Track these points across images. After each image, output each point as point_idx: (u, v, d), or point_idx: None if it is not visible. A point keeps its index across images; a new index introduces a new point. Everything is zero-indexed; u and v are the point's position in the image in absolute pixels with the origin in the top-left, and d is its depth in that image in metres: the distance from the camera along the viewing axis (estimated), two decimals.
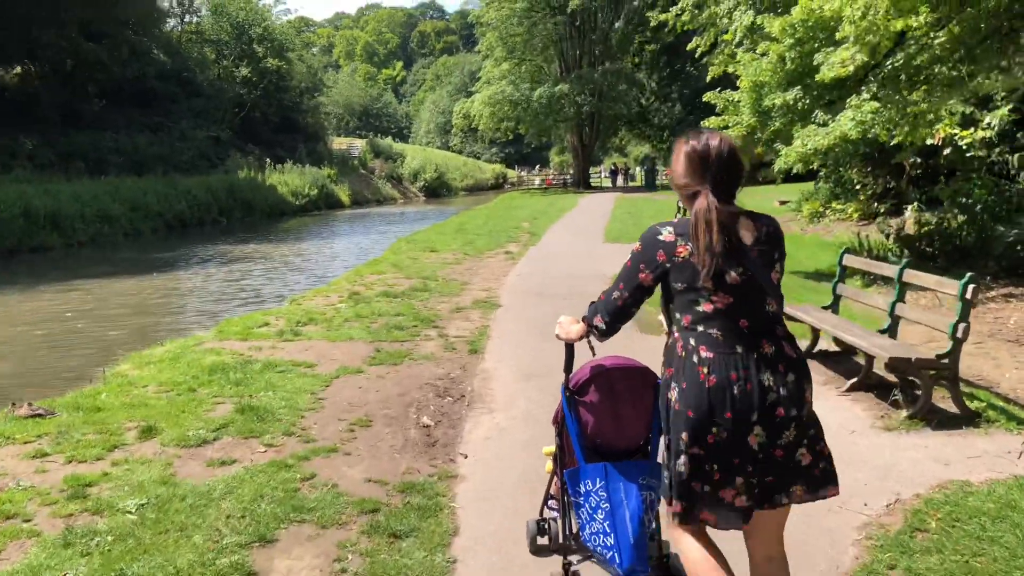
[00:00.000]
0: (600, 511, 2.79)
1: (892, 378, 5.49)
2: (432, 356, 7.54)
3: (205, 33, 55.10)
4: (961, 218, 11.37)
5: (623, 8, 48.94)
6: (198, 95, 50.98)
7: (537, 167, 78.25)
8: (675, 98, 50.05)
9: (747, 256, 2.47)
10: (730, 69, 12.78)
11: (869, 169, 17.81)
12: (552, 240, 18.28)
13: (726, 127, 11.63)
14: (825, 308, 6.71)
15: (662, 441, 2.69)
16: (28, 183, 30.10)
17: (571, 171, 55.67)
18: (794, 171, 19.33)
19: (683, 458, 2.49)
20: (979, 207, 11.01)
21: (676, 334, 2.58)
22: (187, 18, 56.31)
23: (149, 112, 47.47)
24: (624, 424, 2.98)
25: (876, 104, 9.07)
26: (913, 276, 5.74)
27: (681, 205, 3.77)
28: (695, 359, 2.47)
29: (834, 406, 5.45)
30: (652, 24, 22.36)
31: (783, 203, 23.81)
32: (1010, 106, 13.21)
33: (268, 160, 46.86)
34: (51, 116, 41.29)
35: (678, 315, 2.57)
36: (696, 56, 44.05)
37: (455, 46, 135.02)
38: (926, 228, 11.01)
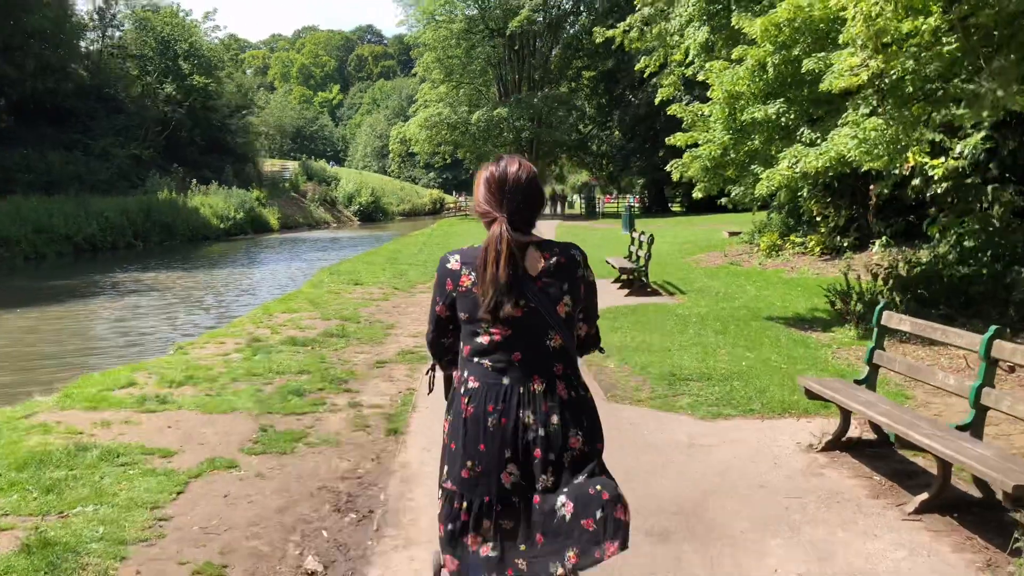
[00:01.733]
0: None
1: (977, 492, 3.91)
2: (336, 439, 5.73)
3: (128, 48, 52.25)
4: (954, 257, 10.07)
5: (562, 33, 48.11)
6: (119, 112, 48.32)
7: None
8: (613, 125, 49.20)
9: (531, 288, 2.34)
10: (672, 109, 11.36)
11: (829, 200, 16.65)
12: None
13: (693, 144, 10.14)
14: (859, 383, 5.10)
15: None
16: None
17: None
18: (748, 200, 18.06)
19: (439, 493, 2.42)
20: (979, 246, 9.72)
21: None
22: (108, 32, 53.41)
23: (65, 129, 44.79)
24: None
25: (878, 120, 7.65)
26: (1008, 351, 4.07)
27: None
28: (462, 390, 2.41)
29: (904, 542, 3.79)
30: (598, 40, 20.97)
31: (733, 234, 22.61)
32: (982, 133, 12.11)
33: (193, 181, 44.26)
34: None
35: (462, 345, 2.46)
36: (644, 77, 43.28)
37: (392, 70, 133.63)
38: (918, 269, 9.64)
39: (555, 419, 2.31)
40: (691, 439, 5.58)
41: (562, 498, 2.30)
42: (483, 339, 2.37)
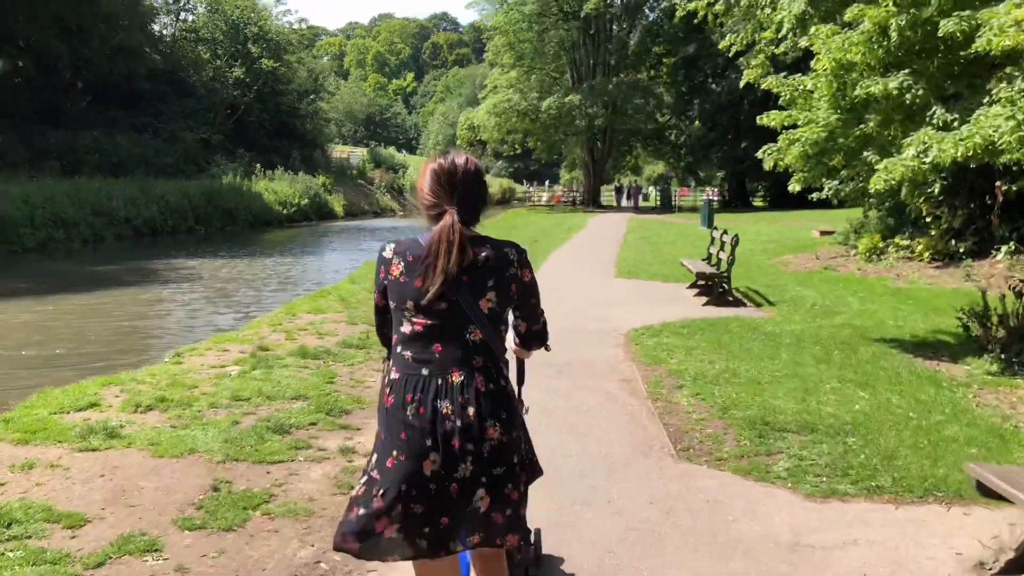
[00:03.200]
0: None
1: None
2: (306, 507, 4.25)
3: (200, 31, 52.22)
4: None
5: (641, 17, 45.92)
6: (189, 95, 48.36)
7: (547, 183, 75.31)
8: (693, 114, 46.87)
9: (458, 281, 2.35)
10: (767, 82, 9.47)
11: (942, 197, 14.49)
12: (552, 272, 14.99)
13: (791, 125, 8.33)
14: None
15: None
16: None
17: (581, 188, 52.49)
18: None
19: (364, 478, 2.42)
20: None
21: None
22: (181, 16, 53.54)
23: (136, 112, 45.01)
24: None
25: None
26: None
27: None
28: (387, 380, 2.45)
29: None
30: (679, 14, 19.12)
31: (825, 233, 20.47)
32: None
33: (258, 166, 43.82)
34: (28, 113, 38.69)
35: (394, 336, 2.48)
36: (727, 62, 40.89)
37: (467, 58, 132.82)
38: None
39: (471, 410, 2.32)
40: (796, 535, 3.91)
41: (481, 491, 2.32)
42: (406, 328, 2.41)
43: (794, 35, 15.23)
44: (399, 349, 2.42)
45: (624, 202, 49.50)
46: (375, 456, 2.41)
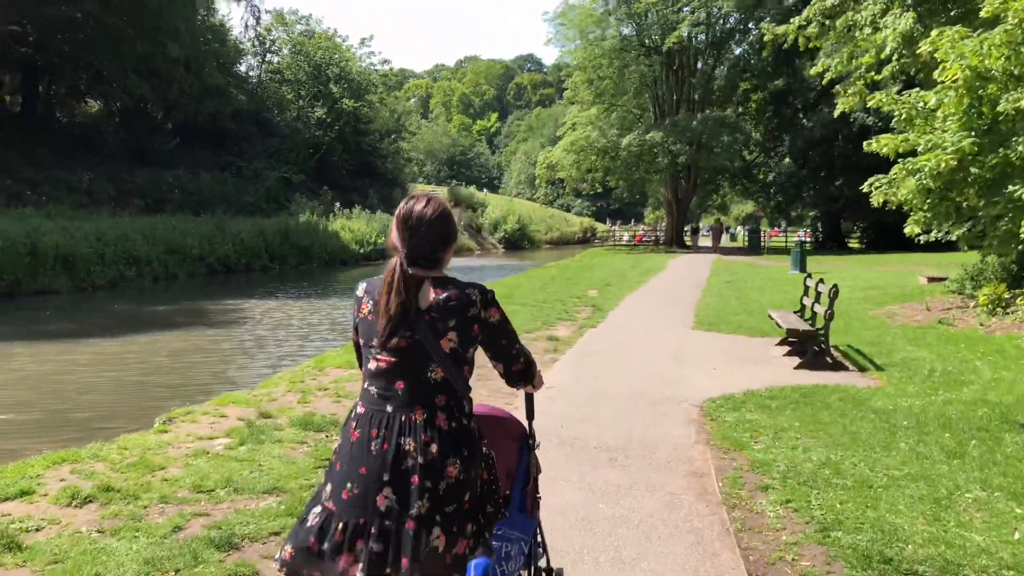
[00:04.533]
0: None
1: None
2: None
3: (284, 72, 53.08)
4: None
5: (726, 53, 44.26)
6: (273, 135, 49.05)
7: (632, 221, 73.78)
8: (783, 150, 44.69)
9: (419, 321, 2.43)
10: (874, 99, 7.82)
11: None
12: (621, 320, 13.50)
13: (907, 153, 6.74)
14: None
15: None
16: (64, 218, 27.38)
17: (663, 228, 50.66)
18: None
19: (318, 508, 2.44)
20: None
21: None
22: (268, 57, 54.56)
23: (221, 151, 45.95)
24: None
25: None
26: None
27: None
28: (352, 415, 2.50)
29: None
30: (767, 38, 17.62)
31: (934, 280, 18.34)
32: None
33: (337, 204, 43.80)
34: (117, 152, 39.70)
35: (363, 372, 2.57)
36: (818, 96, 38.76)
37: (551, 98, 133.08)
38: None
39: (434, 448, 2.36)
40: None
41: (437, 529, 2.33)
42: (372, 365, 2.47)
43: (899, 57, 13.54)
44: (366, 384, 2.49)
45: (700, 242, 46.50)
46: (329, 486, 2.43)
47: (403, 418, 2.37)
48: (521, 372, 2.63)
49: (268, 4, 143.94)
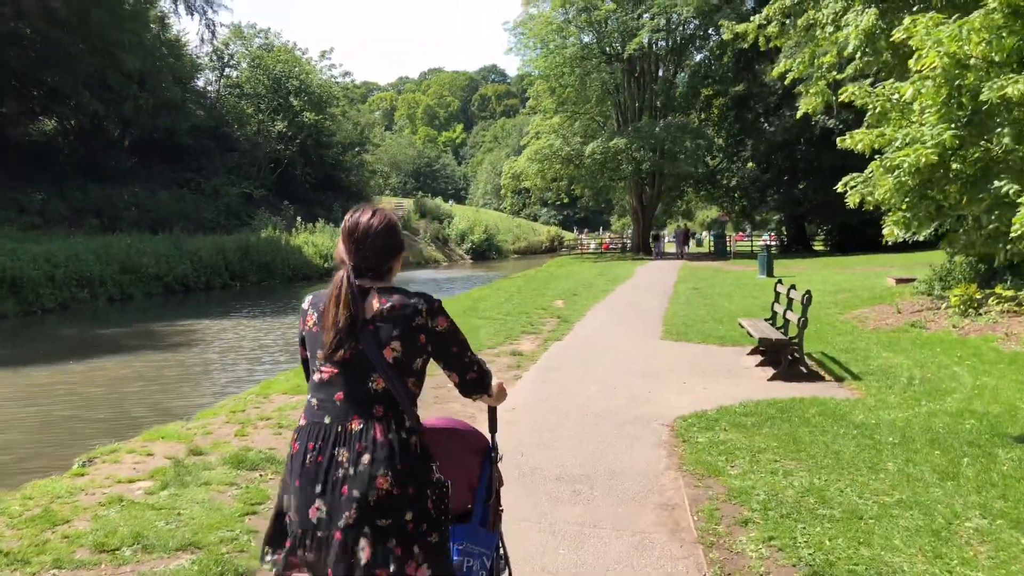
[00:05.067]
0: None
1: None
2: None
3: (243, 87, 52.18)
4: None
5: (687, 59, 44.25)
6: (233, 150, 48.20)
7: (601, 229, 73.66)
8: (746, 155, 44.70)
9: (364, 331, 2.40)
10: (847, 92, 7.38)
11: None
12: (588, 332, 13.00)
13: (874, 151, 6.30)
14: None
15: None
16: (12, 240, 26.32)
17: (630, 235, 50.43)
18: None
19: (276, 515, 2.49)
20: None
21: None
22: (226, 71, 53.61)
23: (180, 167, 45.05)
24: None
25: None
26: None
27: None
28: (296, 427, 2.48)
29: None
30: (726, 36, 17.33)
31: (902, 281, 18.10)
32: None
33: (299, 219, 43.00)
34: (70, 170, 38.60)
35: (308, 384, 2.56)
36: (779, 102, 38.80)
37: (515, 108, 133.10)
38: None
39: (366, 458, 2.32)
40: None
41: (363, 540, 2.29)
42: (315, 376, 2.46)
43: (862, 55, 13.24)
44: (309, 396, 2.49)
45: (666, 248, 44.18)
46: (284, 497, 2.45)
47: (339, 428, 2.35)
48: (476, 381, 2.58)
49: (226, 18, 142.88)
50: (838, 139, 6.80)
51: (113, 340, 16.62)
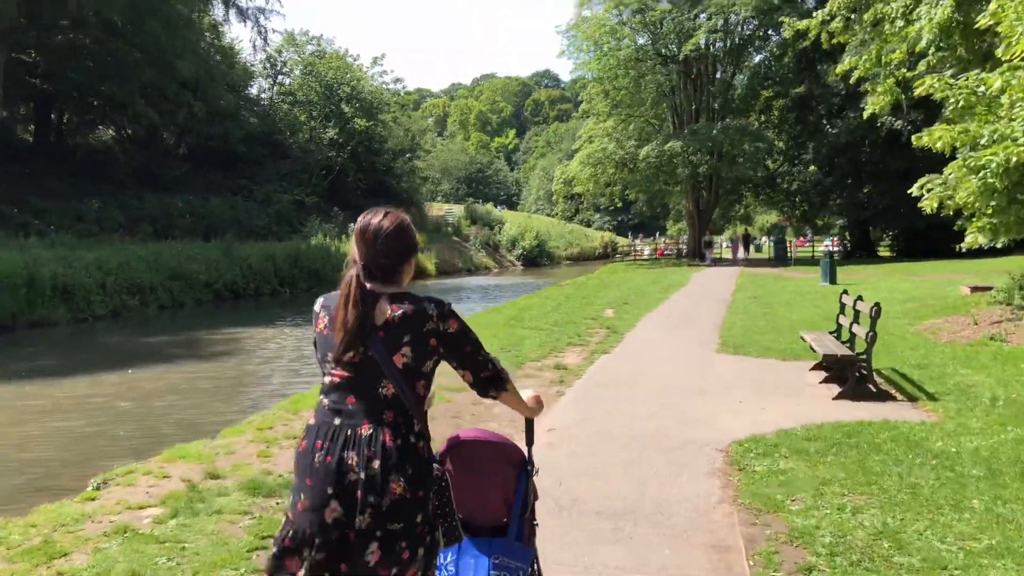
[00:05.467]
0: None
1: None
2: None
3: (296, 94, 52.66)
4: None
5: (745, 60, 43.16)
6: (285, 157, 48.52)
7: (657, 235, 72.58)
8: (807, 158, 43.37)
9: (374, 336, 2.42)
10: (924, 85, 6.70)
11: None
12: (638, 343, 12.41)
13: (954, 150, 5.65)
14: None
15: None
16: (66, 247, 26.78)
17: (686, 240, 49.40)
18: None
19: (284, 518, 2.51)
20: None
21: None
22: (279, 79, 54.18)
23: (234, 175, 45.57)
24: (484, 499, 2.81)
25: None
26: None
27: None
28: (306, 425, 2.50)
29: None
30: (787, 33, 16.58)
31: (978, 290, 17.06)
32: None
33: (350, 226, 43.04)
34: (127, 179, 39.35)
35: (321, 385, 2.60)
36: (843, 102, 37.52)
37: (568, 113, 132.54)
38: None
39: (376, 464, 2.33)
40: None
41: (373, 544, 2.32)
42: (327, 379, 2.49)
43: (936, 49, 12.42)
44: (321, 397, 2.50)
45: (710, 256, 40.73)
46: (291, 496, 2.47)
47: (349, 432, 2.37)
48: (491, 378, 2.57)
49: (279, 25, 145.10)
50: (913, 137, 6.18)
51: (155, 350, 16.55)
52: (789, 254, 40.84)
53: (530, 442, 2.91)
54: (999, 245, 14.29)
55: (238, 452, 6.49)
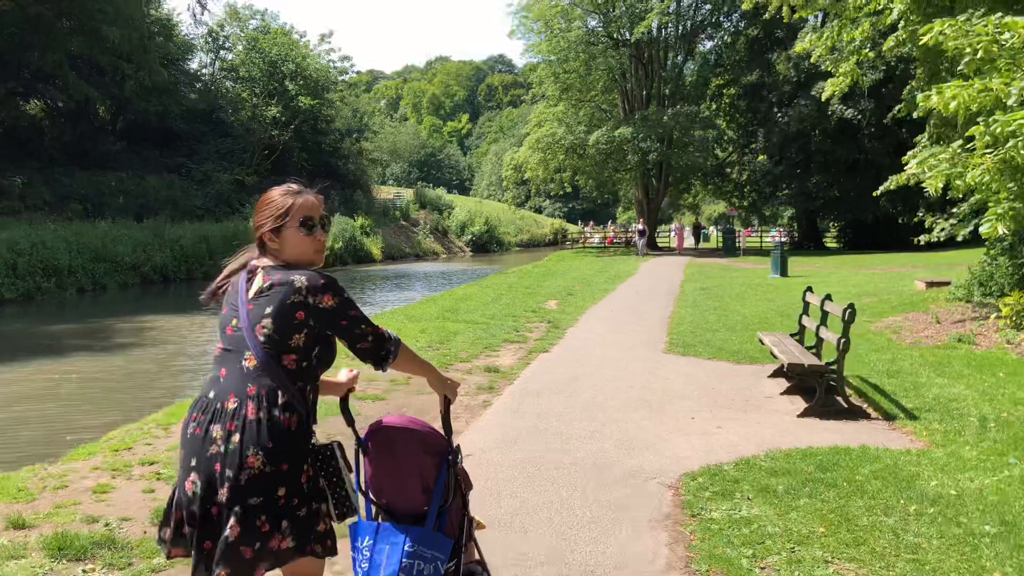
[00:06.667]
0: (360, 571, 2.66)
1: None
2: None
3: (238, 70, 50.45)
4: None
5: (697, 46, 42.40)
6: (226, 135, 46.38)
7: (610, 222, 71.83)
8: (757, 147, 42.83)
9: (243, 309, 2.44)
10: (931, 32, 5.64)
11: None
12: (580, 341, 11.30)
13: (970, 115, 4.58)
14: None
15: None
16: None
17: (635, 228, 48.61)
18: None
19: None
20: None
21: None
22: (221, 54, 51.86)
23: (171, 153, 43.37)
24: (402, 486, 2.73)
25: None
26: None
27: None
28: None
29: None
30: (745, 5, 15.57)
31: (933, 285, 16.35)
32: None
33: None
34: (56, 154, 37.06)
35: None
36: (794, 91, 36.86)
37: (522, 99, 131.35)
38: None
39: (236, 437, 2.30)
40: None
41: (232, 519, 2.27)
42: (214, 350, 2.53)
43: (906, 23, 11.48)
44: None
45: (642, 248, 37.81)
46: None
47: (218, 405, 2.36)
48: (368, 350, 2.51)
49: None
50: (919, 98, 5.05)
51: (54, 340, 14.95)
52: (738, 244, 40.11)
53: (447, 429, 2.79)
54: (938, 239, 13.52)
55: (71, 486, 5.17)
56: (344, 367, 2.90)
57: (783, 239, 40.62)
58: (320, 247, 2.58)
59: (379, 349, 2.51)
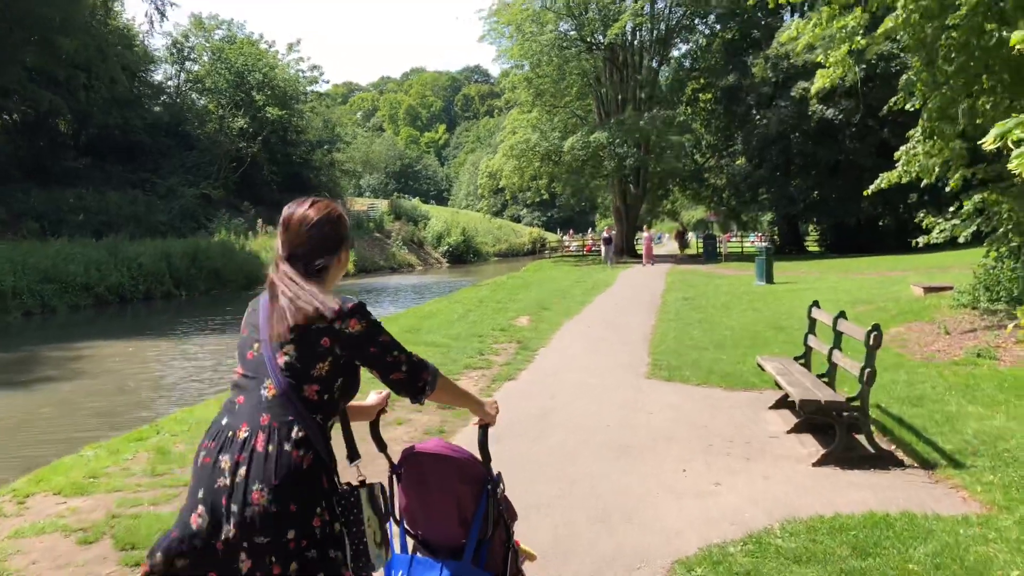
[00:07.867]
0: None
1: None
2: None
3: (204, 81, 48.97)
4: None
5: (672, 50, 41.50)
6: (192, 148, 44.93)
7: (590, 230, 70.85)
8: (736, 150, 41.87)
9: (266, 333, 2.28)
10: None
11: None
12: (552, 364, 10.03)
13: None
14: None
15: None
16: None
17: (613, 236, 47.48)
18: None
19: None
20: None
21: None
22: (186, 65, 50.33)
23: (135, 167, 41.84)
24: (437, 517, 2.60)
25: None
26: None
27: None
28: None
29: None
30: None
31: (932, 290, 15.23)
32: None
33: (260, 221, 39.90)
34: (10, 170, 35.56)
35: None
36: (774, 92, 35.95)
37: (498, 108, 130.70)
38: None
39: (243, 470, 2.13)
40: None
41: (243, 554, 2.13)
42: (233, 376, 2.42)
43: (905, 7, 10.48)
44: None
45: (611, 256, 35.60)
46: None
47: (229, 434, 2.19)
48: (402, 381, 2.30)
49: (186, 7, 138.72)
50: (1015, 35, 3.84)
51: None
52: (719, 250, 38.94)
53: (485, 456, 2.60)
54: (938, 240, 12.52)
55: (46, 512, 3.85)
56: (373, 390, 2.68)
57: (765, 243, 39.65)
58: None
59: (415, 380, 2.32)
